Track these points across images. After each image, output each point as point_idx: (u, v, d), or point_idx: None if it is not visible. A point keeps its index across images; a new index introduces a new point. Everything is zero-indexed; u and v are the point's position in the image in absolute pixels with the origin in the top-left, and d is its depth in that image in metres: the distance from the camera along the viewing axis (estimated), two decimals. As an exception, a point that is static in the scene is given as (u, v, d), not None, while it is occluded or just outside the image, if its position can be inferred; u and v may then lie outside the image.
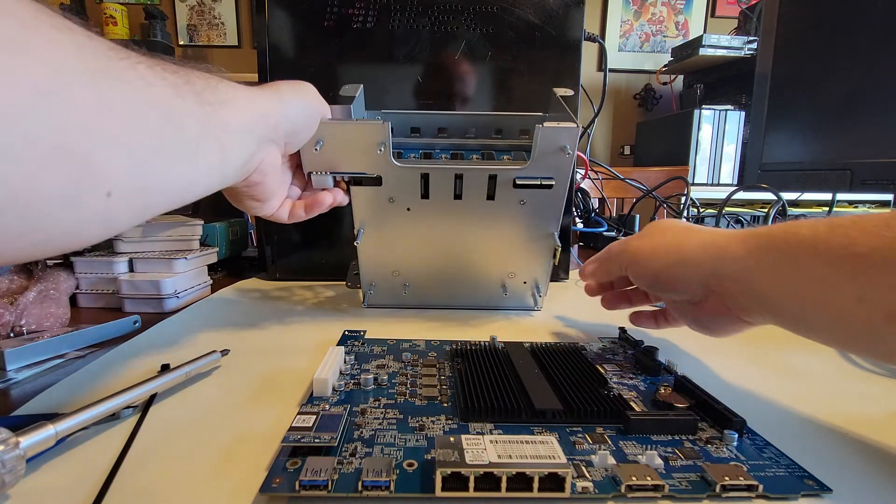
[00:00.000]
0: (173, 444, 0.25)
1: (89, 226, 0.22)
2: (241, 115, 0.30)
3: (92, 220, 0.21)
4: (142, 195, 0.24)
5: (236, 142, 0.30)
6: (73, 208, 0.20)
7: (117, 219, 0.23)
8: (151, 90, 0.23)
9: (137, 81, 0.22)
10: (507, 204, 0.44)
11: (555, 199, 0.43)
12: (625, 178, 1.00)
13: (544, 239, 0.46)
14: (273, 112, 0.34)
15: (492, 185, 0.43)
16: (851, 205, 1.94)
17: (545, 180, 0.42)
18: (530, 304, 0.50)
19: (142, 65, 0.23)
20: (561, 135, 0.40)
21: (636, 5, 2.49)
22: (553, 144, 0.41)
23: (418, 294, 0.50)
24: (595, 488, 0.21)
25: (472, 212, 0.45)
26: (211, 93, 0.27)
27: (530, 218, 0.45)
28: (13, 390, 0.31)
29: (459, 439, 0.22)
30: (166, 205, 0.26)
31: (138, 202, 0.24)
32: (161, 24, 2.16)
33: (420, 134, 0.51)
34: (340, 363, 0.32)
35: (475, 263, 0.48)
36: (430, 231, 0.46)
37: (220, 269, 0.67)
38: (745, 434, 0.25)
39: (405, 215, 0.45)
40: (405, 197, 0.44)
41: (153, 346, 0.38)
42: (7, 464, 0.19)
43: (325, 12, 0.57)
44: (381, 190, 0.44)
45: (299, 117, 0.36)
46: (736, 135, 1.92)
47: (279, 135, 0.35)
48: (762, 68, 0.68)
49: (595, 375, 0.31)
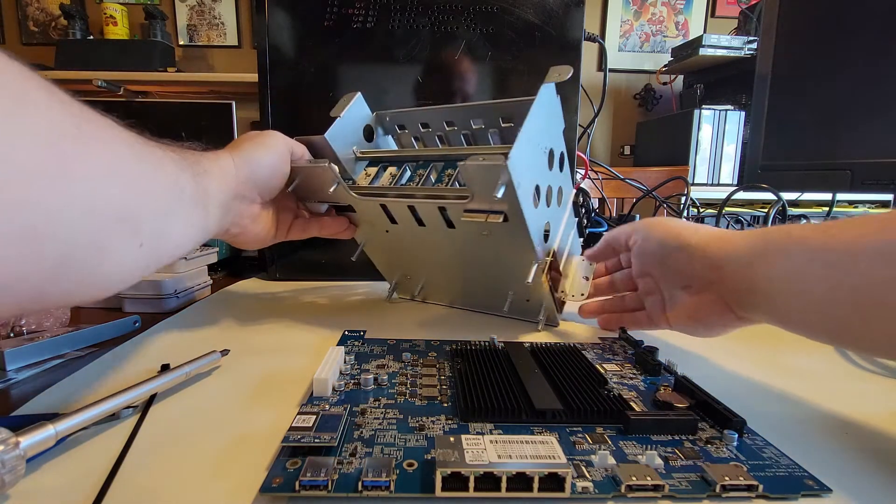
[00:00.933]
0: (173, 444, 0.25)
1: (130, 272, 0.27)
2: (216, 182, 0.36)
3: (132, 266, 0.27)
4: (159, 246, 0.29)
5: (214, 203, 0.36)
6: (122, 257, 0.25)
7: (143, 265, 0.28)
8: (165, 168, 0.29)
9: (157, 161, 0.29)
10: (470, 234, 0.40)
11: (517, 232, 0.38)
12: (625, 178, 1.00)
13: (526, 266, 0.40)
14: (239, 174, 0.38)
15: (446, 216, 0.40)
16: (851, 205, 1.94)
17: (492, 216, 0.36)
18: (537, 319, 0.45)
19: (157, 148, 0.29)
20: (489, 172, 0.34)
21: (636, 5, 2.49)
22: (485, 180, 0.35)
23: (433, 294, 0.52)
24: (595, 488, 0.21)
25: (443, 237, 0.42)
26: (198, 165, 0.34)
27: (502, 248, 0.40)
28: (13, 390, 0.31)
29: (459, 439, 0.22)
30: (167, 256, 0.31)
31: (158, 252, 0.29)
32: (161, 24, 2.16)
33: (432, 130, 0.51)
34: (340, 363, 0.32)
35: (473, 277, 0.47)
36: (419, 248, 0.46)
37: (220, 269, 0.67)
38: (745, 434, 0.25)
39: (388, 235, 0.46)
40: (379, 222, 0.45)
41: (153, 346, 0.38)
42: (7, 464, 0.19)
43: (325, 12, 0.57)
44: (360, 215, 0.46)
45: (266, 172, 0.41)
46: (736, 135, 1.92)
47: (249, 189, 0.40)
48: (762, 68, 0.68)
49: (595, 375, 0.31)
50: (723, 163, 1.93)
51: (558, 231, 0.43)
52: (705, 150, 1.92)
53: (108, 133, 0.24)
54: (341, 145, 0.47)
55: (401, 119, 0.52)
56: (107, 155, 0.23)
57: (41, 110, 0.20)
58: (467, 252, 0.43)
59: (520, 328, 0.45)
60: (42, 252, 0.20)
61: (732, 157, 1.93)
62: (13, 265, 0.19)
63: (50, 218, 0.20)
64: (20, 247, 0.19)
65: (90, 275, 0.24)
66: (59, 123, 0.21)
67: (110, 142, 0.24)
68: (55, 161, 0.20)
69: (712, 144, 1.92)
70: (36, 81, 0.20)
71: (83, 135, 0.22)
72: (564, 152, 0.44)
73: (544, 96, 0.38)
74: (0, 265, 0.19)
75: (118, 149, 0.25)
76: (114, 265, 0.25)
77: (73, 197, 0.21)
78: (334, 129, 0.46)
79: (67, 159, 0.21)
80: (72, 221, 0.21)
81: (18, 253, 0.19)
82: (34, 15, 2.31)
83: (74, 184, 0.21)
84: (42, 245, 0.20)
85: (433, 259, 0.47)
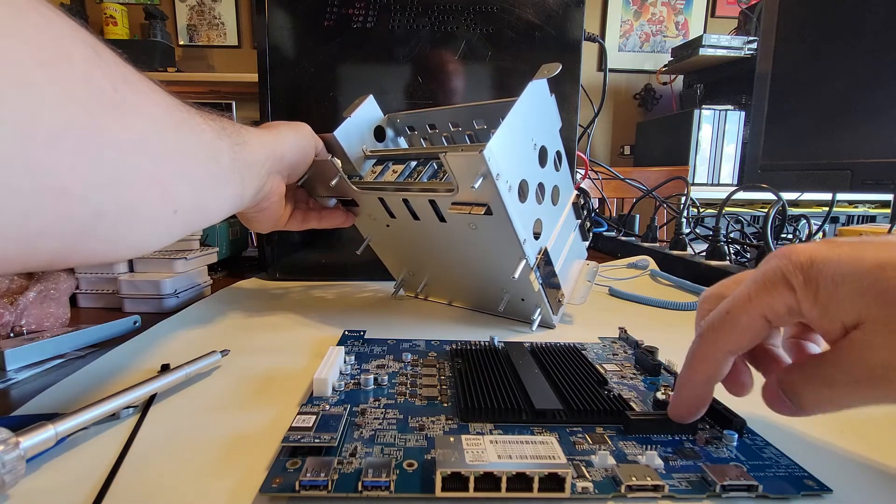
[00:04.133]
0: (173, 444, 0.25)
1: (160, 236, 0.28)
2: (255, 153, 0.36)
3: (163, 231, 0.27)
4: (194, 213, 0.30)
5: (253, 175, 0.37)
6: (153, 222, 0.26)
7: (177, 231, 0.29)
8: (203, 135, 0.29)
9: (195, 128, 0.29)
10: (460, 227, 0.41)
11: (501, 225, 0.37)
12: (625, 178, 1.00)
13: (514, 262, 0.40)
14: (276, 150, 0.40)
15: (437, 209, 0.40)
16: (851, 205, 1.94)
17: (475, 207, 0.37)
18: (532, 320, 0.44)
19: (197, 115, 0.29)
20: (468, 162, 0.35)
21: (636, 5, 2.49)
22: (467, 171, 0.35)
23: (435, 292, 0.53)
24: (595, 488, 0.21)
25: (437, 231, 0.43)
26: (237, 136, 0.34)
27: (489, 241, 0.40)
28: (13, 390, 0.31)
29: (459, 439, 0.22)
30: (203, 223, 0.33)
31: (192, 218, 0.30)
32: (161, 24, 2.16)
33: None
34: (340, 363, 0.32)
35: (469, 273, 0.47)
36: (417, 243, 0.47)
37: (220, 269, 0.67)
38: (745, 434, 0.25)
39: (389, 229, 0.48)
40: (380, 215, 0.46)
41: (153, 346, 0.38)
42: (7, 464, 0.19)
43: (325, 12, 0.57)
44: (362, 209, 0.48)
45: (297, 153, 0.42)
46: (736, 135, 1.92)
47: (283, 168, 0.41)
48: (762, 68, 0.68)
49: (595, 375, 0.31)
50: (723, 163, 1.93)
51: (552, 231, 0.43)
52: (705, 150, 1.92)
53: (147, 98, 0.24)
54: (350, 144, 0.49)
55: (410, 121, 0.53)
56: (142, 121, 0.23)
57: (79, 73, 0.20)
58: (459, 247, 0.44)
59: (520, 328, 0.45)
60: (71, 211, 0.21)
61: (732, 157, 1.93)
62: (40, 220, 0.20)
63: (79, 180, 0.20)
64: (49, 204, 0.20)
65: (122, 236, 0.24)
66: (97, 86, 0.21)
67: (148, 107, 0.24)
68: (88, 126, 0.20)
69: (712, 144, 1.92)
70: (81, 37, 0.20)
71: (121, 99, 0.22)
72: (562, 151, 0.44)
73: (532, 91, 0.39)
74: (30, 218, 0.19)
75: (156, 114, 0.25)
76: (145, 229, 0.25)
77: (105, 162, 0.21)
78: (343, 128, 0.48)
79: (102, 124, 0.21)
80: (102, 185, 0.22)
81: (48, 209, 0.20)
82: (34, 15, 2.31)
83: (107, 149, 0.21)
84: (71, 205, 0.20)
85: (431, 255, 0.48)
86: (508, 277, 0.40)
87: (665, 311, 0.51)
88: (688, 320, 0.48)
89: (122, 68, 0.23)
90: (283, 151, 0.40)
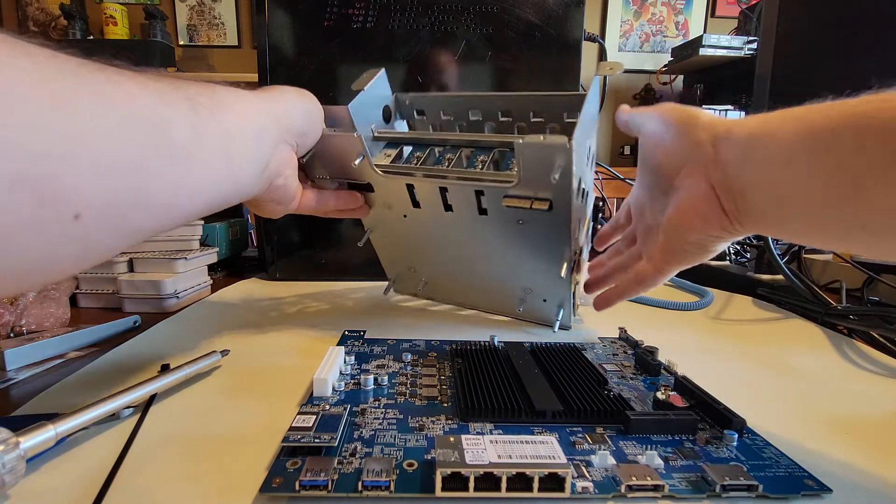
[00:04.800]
0: (173, 444, 0.25)
1: (63, 251, 0.20)
2: (250, 119, 0.29)
3: (64, 244, 0.20)
4: (119, 214, 0.22)
5: (248, 146, 0.29)
6: (41, 234, 0.19)
7: (95, 241, 0.21)
8: (134, 102, 0.22)
9: (117, 95, 0.21)
10: (504, 222, 0.38)
11: (559, 222, 0.36)
12: (625, 178, 1.00)
13: (558, 260, 0.39)
14: (281, 113, 0.33)
15: (481, 200, 0.38)
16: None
17: (538, 202, 0.34)
18: (551, 321, 0.44)
19: (122, 76, 0.22)
20: (547, 153, 0.32)
21: (636, 5, 2.49)
22: (540, 162, 0.33)
23: (437, 292, 0.51)
24: (595, 488, 0.21)
25: (468, 225, 0.40)
26: (207, 98, 0.26)
27: (536, 238, 0.38)
28: (13, 390, 0.31)
29: (459, 439, 0.22)
30: (156, 222, 0.25)
31: (116, 222, 0.22)
32: (161, 24, 2.16)
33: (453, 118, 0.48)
34: (340, 363, 0.32)
35: (489, 273, 0.44)
36: (435, 238, 0.44)
37: (220, 269, 0.67)
38: (745, 434, 0.25)
39: (405, 221, 0.43)
40: (399, 204, 0.42)
41: (153, 346, 0.38)
42: (7, 464, 0.19)
43: (325, 12, 0.57)
44: (378, 196, 0.42)
45: (305, 119, 0.36)
46: (736, 135, 1.91)
47: (291, 135, 0.34)
48: (762, 68, 0.68)
49: (595, 375, 0.31)
50: (723, 163, 1.93)
51: (581, 230, 0.42)
52: (705, 150, 1.91)
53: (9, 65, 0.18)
54: (360, 122, 0.42)
55: (421, 103, 0.48)
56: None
57: None
58: (492, 243, 0.40)
59: (520, 328, 0.45)
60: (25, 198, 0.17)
61: (732, 157, 1.93)
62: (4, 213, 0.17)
63: None
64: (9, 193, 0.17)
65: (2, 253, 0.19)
66: None
67: (9, 74, 0.18)
68: None
69: (712, 144, 1.91)
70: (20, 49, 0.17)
71: None
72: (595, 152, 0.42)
73: (595, 87, 0.37)
74: None
75: (26, 86, 0.18)
76: (33, 240, 0.19)
77: None
78: (357, 102, 0.42)
79: None
80: None
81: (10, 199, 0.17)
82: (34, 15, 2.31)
83: None
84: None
85: (448, 250, 0.44)
86: (542, 277, 0.39)
87: (665, 311, 0.51)
88: (688, 320, 0.48)
89: None
90: (290, 117, 0.34)
